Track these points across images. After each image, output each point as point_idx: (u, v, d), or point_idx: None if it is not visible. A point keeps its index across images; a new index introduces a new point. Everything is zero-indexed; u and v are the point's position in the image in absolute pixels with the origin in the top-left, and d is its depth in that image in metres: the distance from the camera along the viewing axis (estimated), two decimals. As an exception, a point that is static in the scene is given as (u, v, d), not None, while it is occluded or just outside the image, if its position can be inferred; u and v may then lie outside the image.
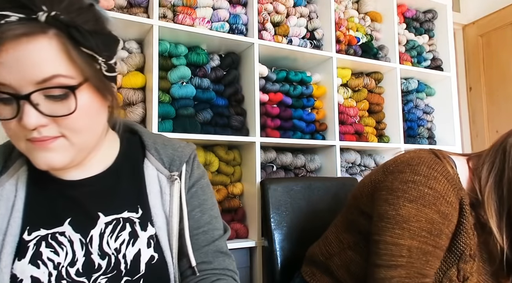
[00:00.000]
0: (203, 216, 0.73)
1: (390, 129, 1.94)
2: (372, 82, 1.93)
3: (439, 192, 0.80)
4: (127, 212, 0.67)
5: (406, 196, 0.81)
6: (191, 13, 1.50)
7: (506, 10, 2.43)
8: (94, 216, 0.65)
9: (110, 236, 0.65)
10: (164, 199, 0.69)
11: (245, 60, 1.62)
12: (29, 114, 0.52)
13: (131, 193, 0.69)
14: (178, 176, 0.71)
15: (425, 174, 0.82)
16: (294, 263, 1.24)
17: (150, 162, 0.71)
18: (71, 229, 0.63)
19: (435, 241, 0.79)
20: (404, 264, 0.79)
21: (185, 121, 1.44)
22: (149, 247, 0.66)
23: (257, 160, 1.51)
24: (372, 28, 2.03)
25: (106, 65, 0.58)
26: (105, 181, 0.67)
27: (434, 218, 0.79)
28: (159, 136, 0.76)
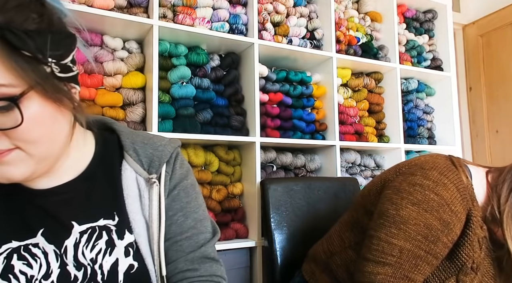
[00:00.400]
0: (187, 220, 0.68)
1: (390, 129, 1.94)
2: (372, 82, 1.93)
3: (445, 200, 0.79)
4: (103, 220, 0.62)
5: (410, 198, 0.81)
6: (191, 13, 1.50)
7: (506, 10, 2.43)
8: (67, 225, 0.60)
9: (85, 246, 0.61)
10: (143, 203, 0.64)
11: (245, 60, 1.62)
12: None
13: (107, 198, 0.64)
14: (157, 178, 0.65)
15: (435, 179, 0.81)
16: (294, 263, 1.24)
17: (128, 164, 0.66)
18: (44, 240, 0.59)
19: (429, 247, 0.79)
20: (393, 264, 0.79)
21: (185, 121, 1.44)
22: (127, 255, 0.62)
23: (257, 160, 1.51)
24: (372, 28, 2.03)
25: (59, 66, 0.51)
26: (78, 187, 0.62)
27: (434, 224, 0.79)
28: (139, 134, 0.70)
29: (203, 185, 1.53)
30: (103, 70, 1.41)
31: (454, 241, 0.80)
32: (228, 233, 1.49)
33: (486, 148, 2.53)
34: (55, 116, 0.53)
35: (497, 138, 2.48)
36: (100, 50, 1.41)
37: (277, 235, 1.27)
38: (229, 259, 1.47)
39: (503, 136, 2.44)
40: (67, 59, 0.53)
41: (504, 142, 2.43)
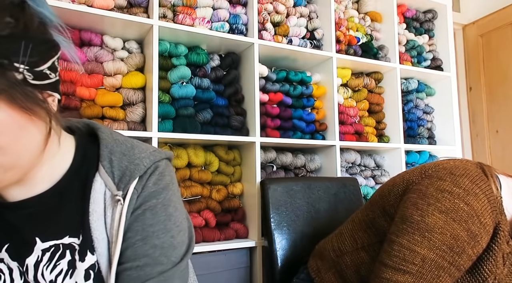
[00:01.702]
0: (144, 246, 0.57)
1: (390, 129, 1.94)
2: (372, 82, 1.93)
3: (475, 210, 0.75)
4: (68, 237, 0.57)
5: (438, 206, 0.77)
6: (191, 13, 1.50)
7: (506, 10, 2.43)
8: (30, 241, 0.57)
9: (46, 266, 0.57)
10: (107, 222, 0.57)
11: (245, 60, 1.62)
12: None
13: (75, 214, 0.58)
14: (122, 196, 0.57)
15: (466, 188, 0.77)
16: (294, 263, 1.24)
17: (100, 176, 0.58)
18: (7, 257, 0.57)
19: (454, 258, 0.75)
20: (414, 273, 0.76)
21: (185, 121, 1.44)
22: (87, 279, 0.56)
23: (257, 160, 1.51)
24: (372, 28, 2.03)
25: (32, 73, 0.49)
26: (48, 201, 0.57)
27: (461, 235, 0.75)
28: (123, 143, 0.61)
29: (203, 185, 1.53)
30: (103, 70, 1.41)
31: (479, 254, 0.77)
32: (228, 233, 1.49)
33: (486, 148, 2.53)
34: (24, 125, 0.49)
35: (497, 138, 2.48)
36: (100, 50, 1.41)
37: (277, 235, 1.27)
38: (229, 259, 1.47)
39: (503, 136, 2.44)
40: (43, 66, 0.50)
41: (504, 142, 2.43)
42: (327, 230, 1.17)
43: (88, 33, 1.39)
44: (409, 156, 2.01)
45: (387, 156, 1.96)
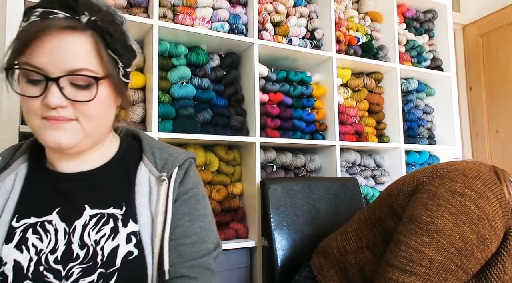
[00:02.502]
0: (192, 226, 0.72)
1: (390, 129, 1.94)
2: (372, 82, 1.93)
3: (486, 214, 0.74)
4: (112, 208, 0.70)
5: (448, 207, 0.76)
6: (191, 13, 1.50)
7: (506, 10, 2.43)
8: (80, 208, 0.69)
9: (92, 229, 0.68)
10: (152, 200, 0.71)
11: (245, 60, 1.62)
12: (54, 94, 0.61)
13: (119, 191, 0.72)
14: (167, 177, 0.73)
15: (478, 190, 0.75)
16: (294, 263, 1.24)
17: (144, 164, 0.75)
18: (57, 218, 0.68)
19: (462, 261, 0.74)
20: (421, 275, 0.75)
21: (185, 121, 1.44)
22: (128, 242, 0.67)
23: (257, 160, 1.51)
24: (372, 28, 2.03)
25: (124, 71, 0.69)
26: (95, 177, 0.72)
27: (470, 238, 0.74)
28: (160, 142, 0.80)
29: (203, 185, 1.53)
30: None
31: (487, 259, 0.76)
32: (228, 233, 1.49)
33: (486, 148, 2.53)
34: (111, 105, 0.69)
35: (497, 138, 2.48)
36: (100, 50, 1.41)
37: (277, 235, 1.27)
38: (229, 259, 1.47)
39: (503, 136, 2.44)
40: (129, 68, 0.71)
41: (504, 142, 2.43)
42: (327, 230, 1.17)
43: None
44: (409, 156, 2.01)
45: (387, 156, 1.96)
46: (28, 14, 0.62)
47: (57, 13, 0.61)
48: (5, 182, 0.69)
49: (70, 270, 0.65)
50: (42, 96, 0.61)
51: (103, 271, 0.65)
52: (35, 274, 0.63)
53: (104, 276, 0.65)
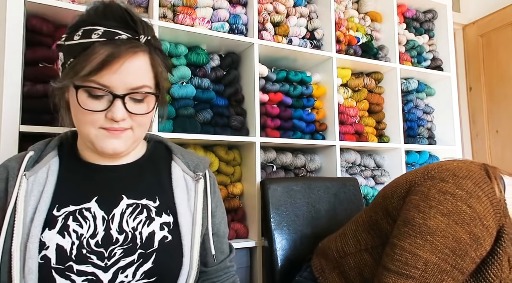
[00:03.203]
0: (225, 228, 0.89)
1: (390, 129, 1.94)
2: (372, 82, 1.93)
3: (478, 213, 0.75)
4: (146, 200, 0.77)
5: (440, 208, 0.76)
6: (191, 13, 1.50)
7: (506, 10, 2.43)
8: (117, 197, 0.75)
9: (129, 216, 0.74)
10: (190, 194, 0.81)
11: (245, 60, 1.62)
12: (119, 109, 0.68)
13: (151, 185, 0.80)
14: (202, 176, 0.83)
15: (469, 190, 0.76)
16: (294, 263, 1.24)
17: (176, 164, 0.84)
18: (96, 206, 0.74)
19: (456, 261, 0.75)
20: (417, 277, 0.75)
21: (185, 121, 1.44)
22: (162, 230, 0.75)
23: (257, 160, 1.51)
24: (372, 28, 2.03)
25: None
26: (129, 170, 0.79)
27: (463, 238, 0.74)
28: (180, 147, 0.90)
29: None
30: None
31: (483, 257, 0.76)
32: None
33: (486, 148, 2.53)
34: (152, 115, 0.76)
35: (497, 138, 2.48)
36: (100, 50, 1.41)
37: (277, 235, 1.27)
38: (229, 259, 1.47)
39: (503, 136, 2.44)
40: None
41: (504, 142, 2.43)
42: (327, 230, 1.17)
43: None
44: (409, 156, 2.01)
45: (387, 156, 1.96)
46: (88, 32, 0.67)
47: (121, 34, 0.67)
48: (38, 175, 0.74)
49: (112, 251, 0.71)
50: (107, 111, 0.68)
51: (143, 252, 0.72)
52: (78, 256, 0.69)
53: (144, 256, 0.72)
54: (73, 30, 0.69)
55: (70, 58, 0.68)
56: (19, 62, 1.16)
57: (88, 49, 0.66)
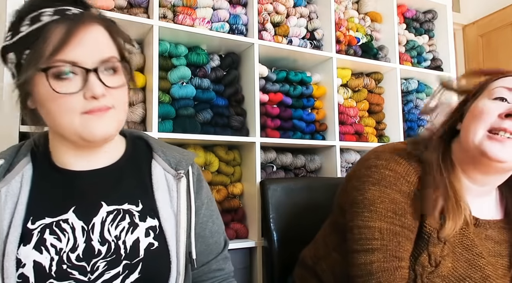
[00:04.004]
0: (214, 226, 0.82)
1: (390, 129, 1.94)
2: (372, 82, 1.93)
3: (399, 173, 0.82)
4: (128, 204, 0.72)
5: (370, 180, 0.83)
6: (191, 13, 1.50)
7: (506, 10, 2.43)
8: (97, 204, 0.70)
9: (110, 224, 0.69)
10: (172, 195, 0.76)
11: (245, 60, 1.62)
12: (96, 84, 0.63)
13: (133, 188, 0.74)
14: (184, 174, 0.77)
15: (387, 158, 0.84)
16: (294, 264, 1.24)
17: (157, 162, 0.78)
18: (74, 217, 0.68)
19: (401, 221, 0.80)
20: (379, 247, 0.79)
21: (185, 121, 1.44)
22: (147, 236, 0.71)
23: (257, 160, 1.51)
24: (372, 28, 2.03)
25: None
26: (109, 174, 0.73)
27: (396, 197, 0.81)
28: (163, 142, 0.84)
29: (203, 185, 1.53)
30: (103, 70, 1.41)
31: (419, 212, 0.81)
32: (228, 233, 1.48)
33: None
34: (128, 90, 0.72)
35: (497, 138, 2.48)
36: (100, 50, 1.41)
37: (277, 235, 1.27)
38: (229, 259, 1.47)
39: (503, 136, 2.44)
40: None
41: (504, 142, 2.43)
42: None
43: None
44: (409, 156, 2.01)
45: (387, 156, 1.96)
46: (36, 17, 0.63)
47: (71, 9, 0.64)
48: (11, 185, 0.68)
49: (94, 265, 0.66)
50: (84, 90, 0.63)
51: (128, 263, 0.68)
52: (58, 273, 0.64)
53: (129, 267, 0.68)
54: (16, 23, 0.65)
55: (25, 51, 0.63)
56: (19, 62, 1.16)
57: (43, 31, 0.61)
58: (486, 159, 0.79)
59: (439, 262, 0.80)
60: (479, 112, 0.81)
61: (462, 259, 0.81)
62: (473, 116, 0.82)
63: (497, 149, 0.77)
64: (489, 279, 0.81)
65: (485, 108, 0.80)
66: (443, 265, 0.80)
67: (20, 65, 0.65)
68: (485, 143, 0.78)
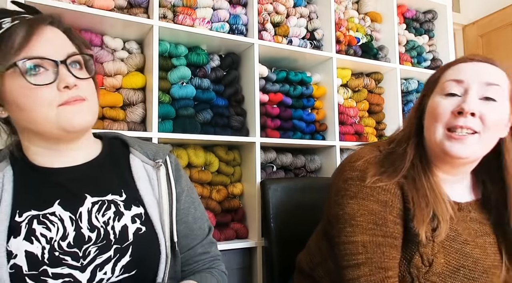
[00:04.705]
0: (197, 213, 0.85)
1: (390, 130, 1.94)
2: (372, 83, 1.93)
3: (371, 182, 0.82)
4: (111, 195, 0.75)
5: (347, 194, 0.83)
6: (191, 13, 1.50)
7: (506, 10, 2.43)
8: (81, 196, 0.72)
9: (97, 213, 0.72)
10: (153, 184, 0.79)
11: (245, 60, 1.62)
12: (68, 74, 0.67)
13: (115, 180, 0.77)
14: (162, 163, 0.81)
15: (361, 168, 0.84)
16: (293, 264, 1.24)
17: (134, 156, 0.81)
18: (61, 209, 0.70)
19: (383, 230, 0.80)
20: (365, 261, 0.80)
21: (185, 121, 1.44)
22: (134, 222, 0.73)
23: (257, 160, 1.51)
24: (372, 28, 2.03)
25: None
26: (88, 170, 0.76)
27: (375, 208, 0.81)
28: (138, 139, 0.87)
29: (203, 186, 1.53)
30: (103, 70, 1.41)
31: (402, 217, 0.82)
32: (228, 233, 1.49)
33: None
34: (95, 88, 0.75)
35: (497, 139, 2.47)
36: (100, 50, 1.41)
37: (277, 235, 1.27)
38: (229, 259, 1.47)
39: (503, 137, 2.44)
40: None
41: (504, 142, 2.43)
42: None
43: (88, 33, 1.40)
44: (409, 157, 2.00)
45: (387, 157, 1.96)
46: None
47: (27, 16, 0.69)
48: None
49: (86, 250, 0.68)
50: (56, 82, 0.66)
51: (118, 247, 0.70)
52: (51, 259, 0.66)
53: (120, 250, 0.70)
54: None
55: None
56: (19, 63, 1.16)
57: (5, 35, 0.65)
58: (449, 157, 0.82)
59: (432, 260, 0.80)
60: (434, 112, 0.83)
61: (452, 251, 0.82)
62: (431, 115, 0.84)
63: (457, 148, 0.79)
64: (479, 262, 0.83)
65: (440, 107, 0.82)
66: (436, 262, 0.80)
67: None
68: (446, 143, 0.80)
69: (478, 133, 0.79)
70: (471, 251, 0.83)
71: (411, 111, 0.91)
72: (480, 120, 0.79)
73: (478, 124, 0.79)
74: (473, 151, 0.80)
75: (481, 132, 0.79)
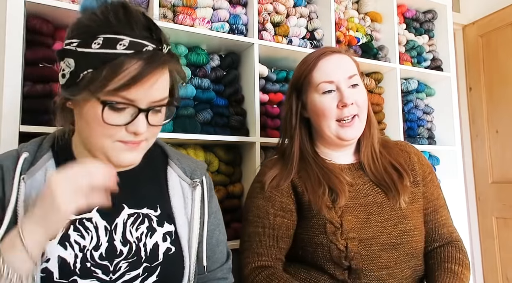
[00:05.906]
0: (221, 236, 0.87)
1: (390, 129, 1.94)
2: (372, 82, 1.93)
3: (263, 182, 1.01)
4: (147, 209, 0.75)
5: (248, 194, 1.06)
6: (191, 13, 1.50)
7: (506, 10, 2.43)
8: (119, 206, 0.72)
9: (131, 226, 0.72)
10: (186, 203, 0.79)
11: (245, 60, 1.62)
12: (143, 123, 0.65)
13: (151, 193, 0.77)
14: (199, 183, 0.81)
15: (259, 172, 1.06)
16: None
17: (172, 169, 0.82)
18: (98, 216, 0.71)
19: (263, 222, 0.98)
20: (247, 248, 0.99)
21: (185, 121, 1.44)
22: (165, 241, 0.74)
23: (257, 160, 1.51)
24: (372, 28, 2.03)
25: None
26: (128, 178, 0.75)
27: (260, 203, 1.00)
28: (176, 150, 0.88)
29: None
30: (103, 70, 1.40)
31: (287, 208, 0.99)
32: (228, 233, 1.48)
33: (486, 148, 2.53)
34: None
35: (497, 138, 2.48)
36: (100, 50, 1.41)
37: (277, 235, 1.27)
38: (229, 259, 1.47)
39: (503, 136, 2.44)
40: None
41: (504, 142, 2.43)
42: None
43: (88, 33, 1.39)
44: (409, 156, 2.00)
45: (387, 156, 1.96)
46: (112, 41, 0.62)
47: (147, 45, 0.63)
48: (35, 179, 0.69)
49: (117, 265, 0.69)
50: (129, 124, 0.65)
51: (148, 265, 0.71)
52: (83, 270, 0.66)
53: (149, 269, 0.71)
54: (89, 36, 0.63)
55: (86, 68, 0.62)
56: (19, 63, 1.16)
57: (114, 61, 0.61)
58: (345, 141, 1.01)
59: (341, 221, 0.92)
60: (321, 110, 1.00)
61: (357, 205, 0.96)
62: (318, 113, 1.01)
63: (350, 133, 1.00)
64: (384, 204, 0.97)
65: (324, 105, 0.99)
66: (345, 220, 0.92)
67: (75, 76, 0.63)
68: (340, 131, 1.00)
69: (357, 115, 1.00)
70: (374, 199, 0.97)
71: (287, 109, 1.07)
72: (355, 105, 0.99)
73: (356, 108, 0.99)
74: (359, 130, 1.02)
75: (359, 114, 1.00)
